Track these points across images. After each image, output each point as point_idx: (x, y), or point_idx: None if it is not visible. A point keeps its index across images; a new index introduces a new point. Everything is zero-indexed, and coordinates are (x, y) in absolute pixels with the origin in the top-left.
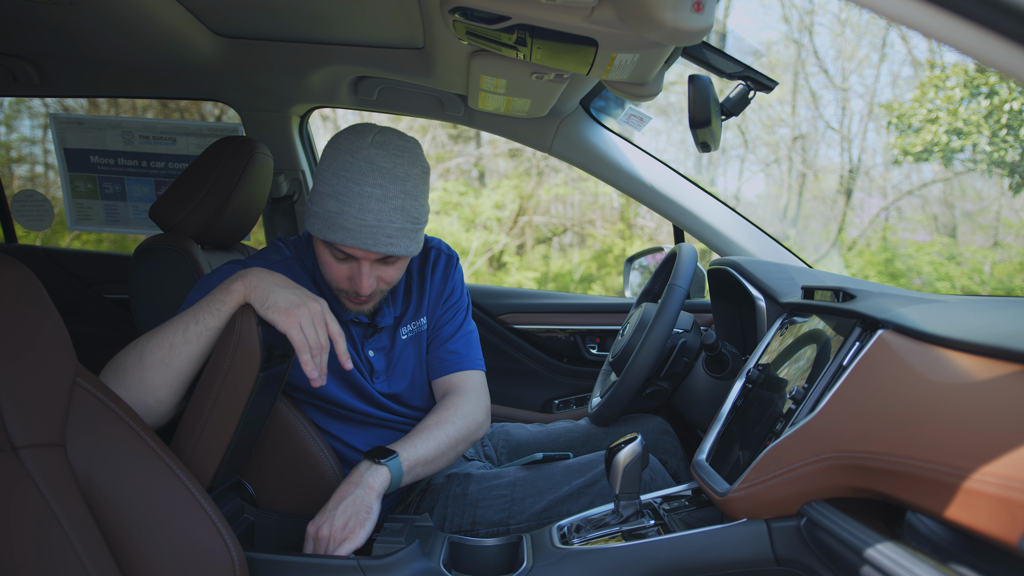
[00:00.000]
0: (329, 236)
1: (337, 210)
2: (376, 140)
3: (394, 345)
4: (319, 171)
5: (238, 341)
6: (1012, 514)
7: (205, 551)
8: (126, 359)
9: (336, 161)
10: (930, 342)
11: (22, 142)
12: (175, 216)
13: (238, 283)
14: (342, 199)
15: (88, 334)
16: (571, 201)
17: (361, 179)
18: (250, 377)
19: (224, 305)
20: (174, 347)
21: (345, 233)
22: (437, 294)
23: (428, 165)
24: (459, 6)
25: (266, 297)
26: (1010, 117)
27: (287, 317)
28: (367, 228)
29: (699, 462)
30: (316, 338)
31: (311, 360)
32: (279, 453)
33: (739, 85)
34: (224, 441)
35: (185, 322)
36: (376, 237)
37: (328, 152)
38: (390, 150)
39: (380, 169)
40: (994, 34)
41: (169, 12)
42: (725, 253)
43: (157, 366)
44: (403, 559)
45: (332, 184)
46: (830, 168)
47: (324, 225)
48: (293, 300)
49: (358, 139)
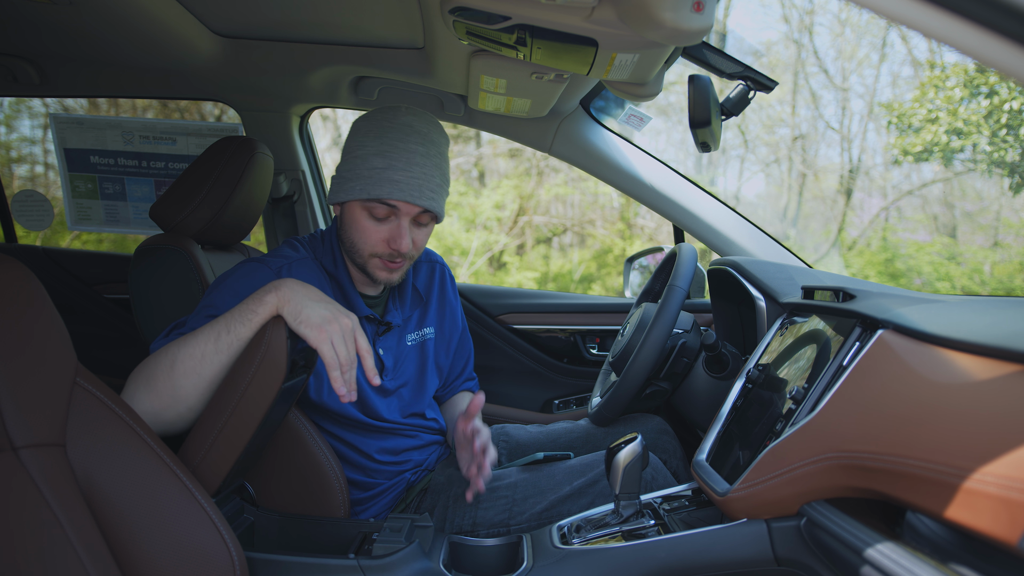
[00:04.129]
0: (376, 192)
1: (384, 165)
2: (408, 110)
3: (399, 347)
4: (352, 141)
5: (266, 352)
6: (1012, 514)
7: (205, 551)
8: (156, 367)
9: (375, 127)
10: (930, 342)
11: (22, 142)
12: (175, 216)
13: (272, 295)
14: (388, 155)
15: (88, 334)
16: (571, 201)
17: (405, 138)
18: (273, 388)
19: (256, 316)
20: (206, 356)
21: (394, 186)
22: (451, 310)
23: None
24: (459, 6)
25: (299, 311)
26: (1010, 117)
27: (319, 333)
28: (414, 180)
29: (699, 462)
30: (346, 355)
31: (340, 376)
32: (280, 453)
33: (739, 85)
34: (237, 449)
35: (217, 331)
36: (422, 190)
37: (362, 125)
38: (423, 119)
39: (419, 132)
40: (994, 34)
41: (169, 12)
42: (725, 253)
43: (189, 375)
44: (403, 559)
45: (375, 145)
46: (830, 168)
47: (369, 182)
48: (326, 316)
49: (392, 111)
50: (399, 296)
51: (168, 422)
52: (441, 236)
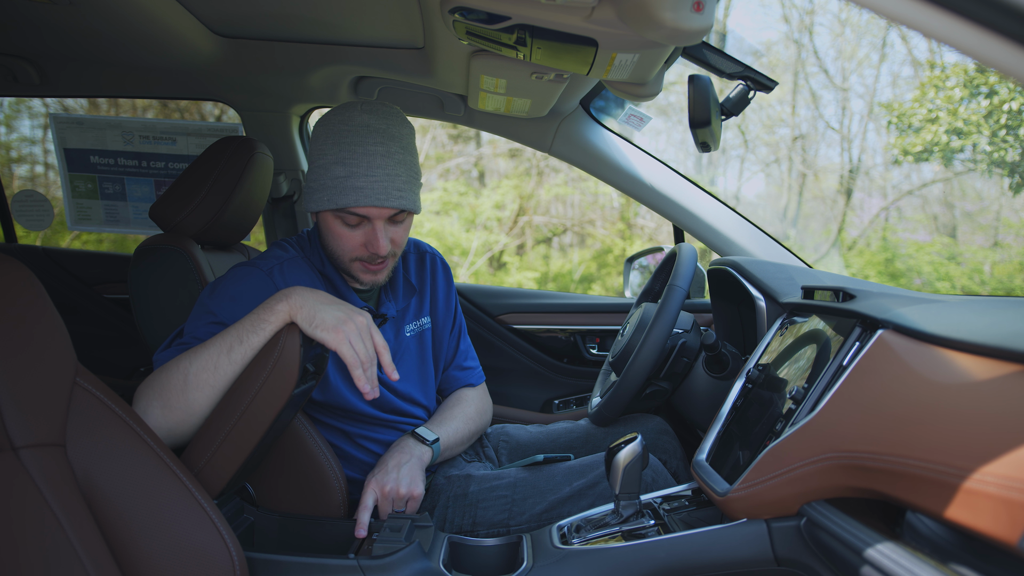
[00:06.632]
0: (341, 201)
1: (345, 173)
2: (364, 108)
3: (398, 339)
4: (314, 149)
5: (278, 358)
6: (1012, 514)
7: (205, 551)
8: (169, 382)
9: (332, 132)
10: (930, 342)
11: (22, 142)
12: (175, 216)
13: (283, 303)
14: (348, 163)
15: (88, 334)
16: (571, 201)
17: (362, 140)
18: (284, 394)
19: (268, 324)
20: (218, 368)
21: (358, 193)
22: (444, 297)
23: (413, 126)
24: (459, 6)
25: (313, 316)
26: (1010, 117)
27: (336, 334)
28: (378, 184)
29: (699, 462)
30: (365, 352)
31: (363, 375)
32: (280, 454)
33: (739, 85)
34: (243, 454)
35: (229, 343)
36: (387, 192)
37: (320, 130)
38: (380, 114)
39: (377, 130)
40: (994, 34)
41: (169, 12)
42: (725, 253)
43: (203, 387)
44: (403, 559)
45: (334, 153)
46: (830, 168)
47: (334, 192)
48: (340, 316)
49: (346, 111)
50: (390, 287)
51: (182, 435)
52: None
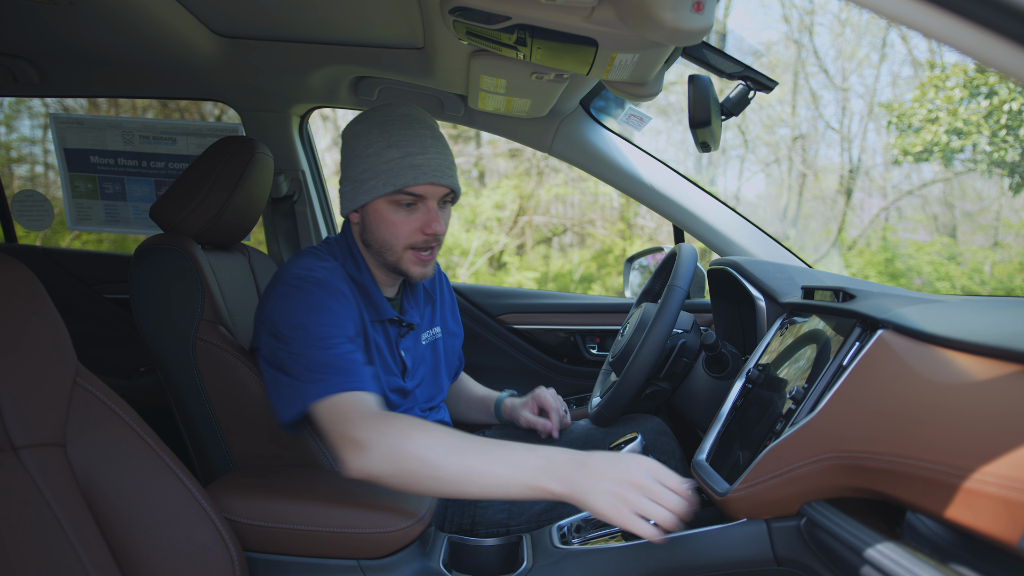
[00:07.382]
0: (400, 181)
1: (400, 155)
2: (401, 105)
3: (416, 346)
4: (358, 144)
5: None
6: (1012, 514)
7: (205, 551)
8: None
9: (376, 124)
10: (930, 342)
11: (22, 142)
12: (175, 216)
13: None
14: (401, 145)
15: (88, 334)
16: (571, 201)
17: (411, 125)
18: None
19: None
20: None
21: (417, 171)
22: (451, 308)
23: None
24: (459, 6)
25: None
26: (1010, 117)
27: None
28: (433, 162)
29: (699, 462)
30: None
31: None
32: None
33: (739, 85)
34: None
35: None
36: (443, 169)
37: (359, 127)
38: (418, 110)
39: (419, 120)
40: (994, 34)
41: (169, 12)
42: (725, 253)
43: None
44: (403, 559)
45: (384, 139)
46: (830, 168)
47: (390, 175)
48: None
49: (386, 108)
50: (412, 295)
51: None
52: None
